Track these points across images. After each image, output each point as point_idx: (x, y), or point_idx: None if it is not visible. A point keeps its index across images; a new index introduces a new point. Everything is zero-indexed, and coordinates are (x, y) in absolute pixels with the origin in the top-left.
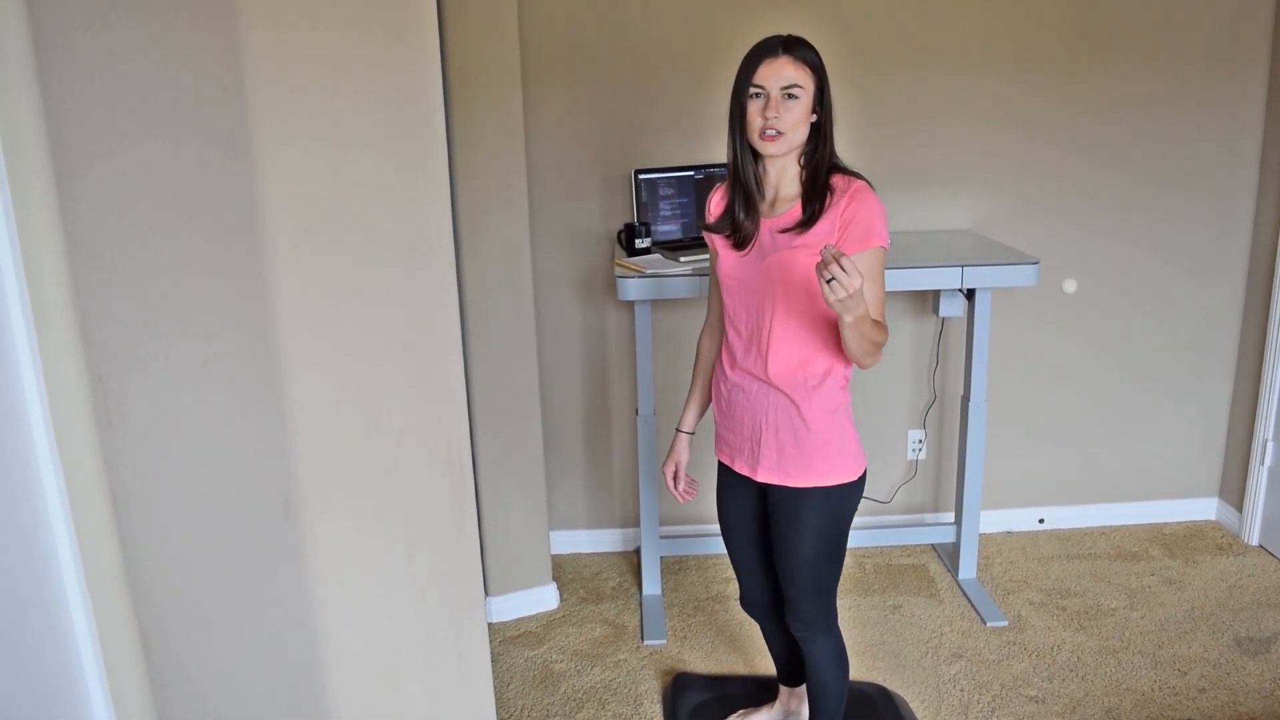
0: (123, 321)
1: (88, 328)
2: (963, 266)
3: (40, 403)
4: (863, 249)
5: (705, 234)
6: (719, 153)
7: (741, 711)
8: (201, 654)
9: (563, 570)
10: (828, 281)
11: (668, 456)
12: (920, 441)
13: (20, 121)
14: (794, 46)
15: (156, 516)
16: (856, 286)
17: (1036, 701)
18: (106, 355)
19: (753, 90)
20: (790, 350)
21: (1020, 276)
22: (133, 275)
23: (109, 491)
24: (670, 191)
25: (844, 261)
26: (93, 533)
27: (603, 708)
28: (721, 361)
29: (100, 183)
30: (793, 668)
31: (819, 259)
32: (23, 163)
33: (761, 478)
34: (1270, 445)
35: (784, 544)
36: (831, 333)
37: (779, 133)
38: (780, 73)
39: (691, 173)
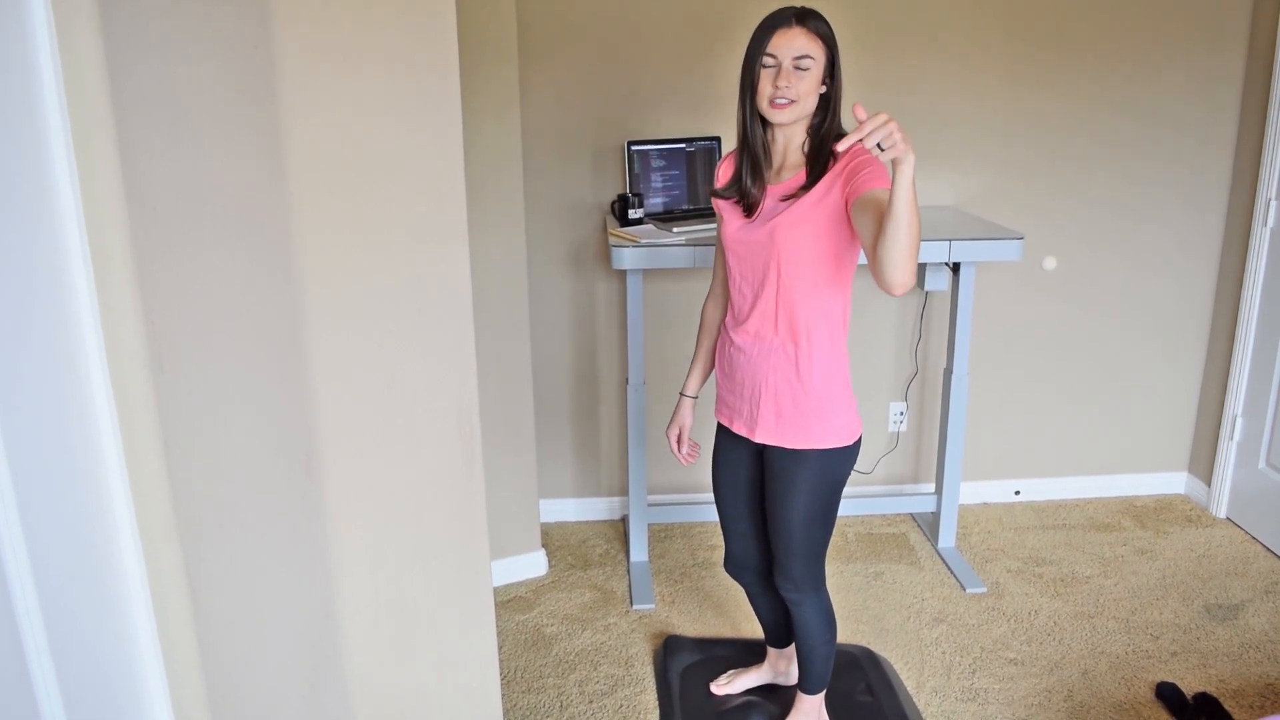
0: (171, 269)
1: (141, 272)
2: (950, 241)
3: (97, 337)
4: (880, 185)
5: (713, 199)
6: (710, 126)
7: (732, 671)
8: (234, 592)
9: (550, 538)
10: (881, 148)
11: (671, 420)
12: (902, 414)
13: (85, 74)
14: (808, 18)
15: (196, 465)
16: (897, 129)
17: (1016, 663)
18: (157, 300)
19: (765, 59)
20: (790, 310)
21: (1005, 251)
22: (182, 227)
23: (161, 435)
24: (662, 164)
25: (878, 120)
26: (145, 475)
27: (595, 669)
28: (725, 324)
29: (155, 135)
30: (780, 630)
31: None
32: (86, 116)
33: (759, 438)
34: (1240, 421)
35: (777, 505)
36: (830, 294)
37: (789, 101)
38: (793, 43)
39: (683, 145)
